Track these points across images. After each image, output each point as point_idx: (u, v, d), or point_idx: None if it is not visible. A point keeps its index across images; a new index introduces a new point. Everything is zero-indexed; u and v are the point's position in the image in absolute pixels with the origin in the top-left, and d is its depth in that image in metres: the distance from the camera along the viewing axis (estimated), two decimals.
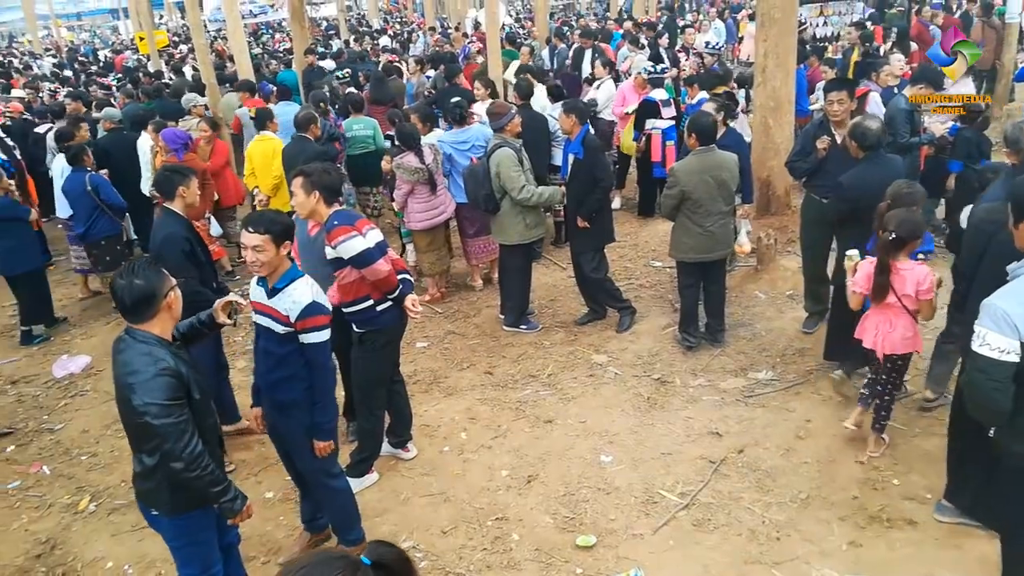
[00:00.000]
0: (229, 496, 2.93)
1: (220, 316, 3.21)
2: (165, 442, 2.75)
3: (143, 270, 2.85)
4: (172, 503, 2.95)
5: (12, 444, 5.41)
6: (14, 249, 6.67)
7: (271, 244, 3.24)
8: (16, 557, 4.22)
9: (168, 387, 2.74)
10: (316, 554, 1.36)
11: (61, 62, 24.95)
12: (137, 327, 2.85)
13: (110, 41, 34.70)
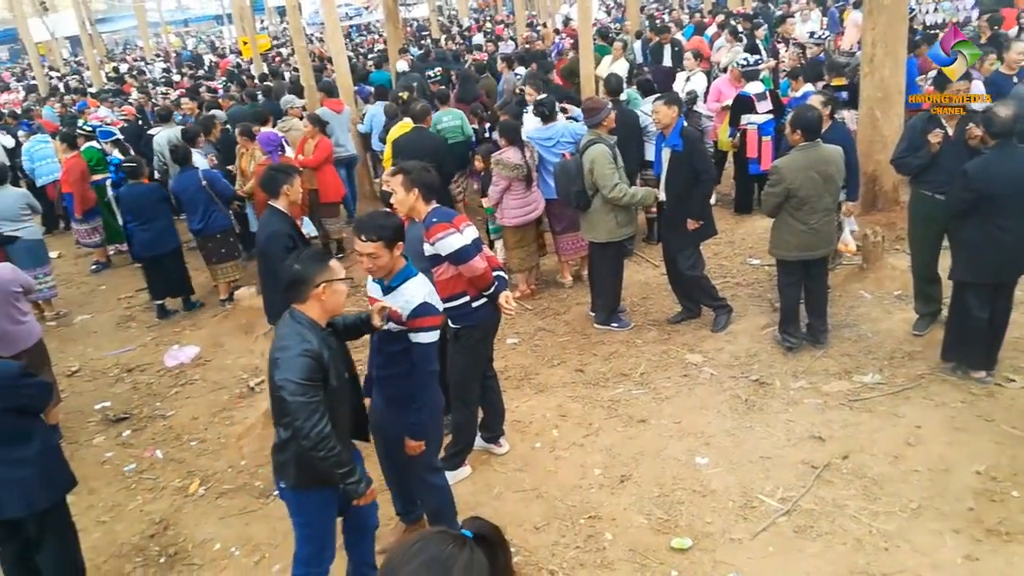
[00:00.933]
0: (353, 478, 3.03)
1: (375, 318, 3.29)
2: (296, 419, 2.88)
3: (305, 258, 3.04)
4: (297, 478, 3.10)
5: (128, 429, 5.73)
6: (163, 230, 7.30)
7: (384, 249, 3.32)
8: (133, 535, 4.46)
9: (306, 368, 2.87)
10: (423, 534, 1.44)
11: (170, 67, 26.30)
12: (296, 307, 3.01)
13: (215, 46, 36.31)
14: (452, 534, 1.43)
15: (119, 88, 17.53)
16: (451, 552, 1.38)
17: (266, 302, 4.85)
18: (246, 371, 6.37)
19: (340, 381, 3.04)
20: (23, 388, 3.53)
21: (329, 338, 3.06)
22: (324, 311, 3.04)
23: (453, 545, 1.40)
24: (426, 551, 1.39)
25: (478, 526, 1.49)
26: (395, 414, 3.52)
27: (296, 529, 3.28)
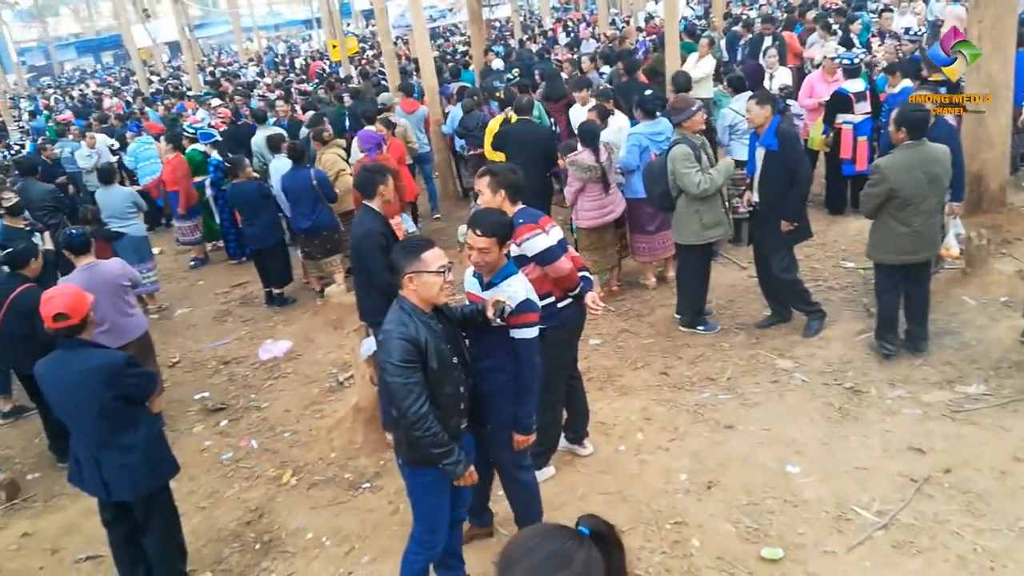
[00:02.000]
0: (452, 459, 3.11)
1: (489, 311, 3.34)
2: (395, 399, 3.02)
3: (400, 249, 3.19)
4: (408, 456, 3.24)
5: (225, 419, 5.99)
6: (269, 224, 7.70)
7: (496, 246, 3.39)
8: (230, 521, 4.66)
9: (402, 350, 2.99)
10: (540, 529, 1.48)
11: (262, 70, 27.30)
12: (401, 293, 3.15)
13: (301, 50, 37.53)
14: (570, 530, 1.45)
15: (216, 91, 18.28)
16: (570, 548, 1.41)
17: (359, 299, 4.96)
18: (335, 366, 6.56)
19: (443, 364, 3.11)
20: (130, 378, 3.72)
21: (431, 322, 3.14)
22: (420, 299, 3.13)
23: (572, 541, 1.42)
24: (545, 546, 1.41)
25: (594, 524, 1.50)
26: (493, 407, 3.53)
27: (412, 508, 3.41)
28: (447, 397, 3.17)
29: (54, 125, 16.92)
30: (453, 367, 3.22)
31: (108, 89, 28.29)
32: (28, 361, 5.20)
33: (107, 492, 3.75)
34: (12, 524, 5.02)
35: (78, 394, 3.62)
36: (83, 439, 3.74)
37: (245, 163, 7.79)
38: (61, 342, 3.71)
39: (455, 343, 3.30)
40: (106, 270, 5.45)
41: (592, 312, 4.25)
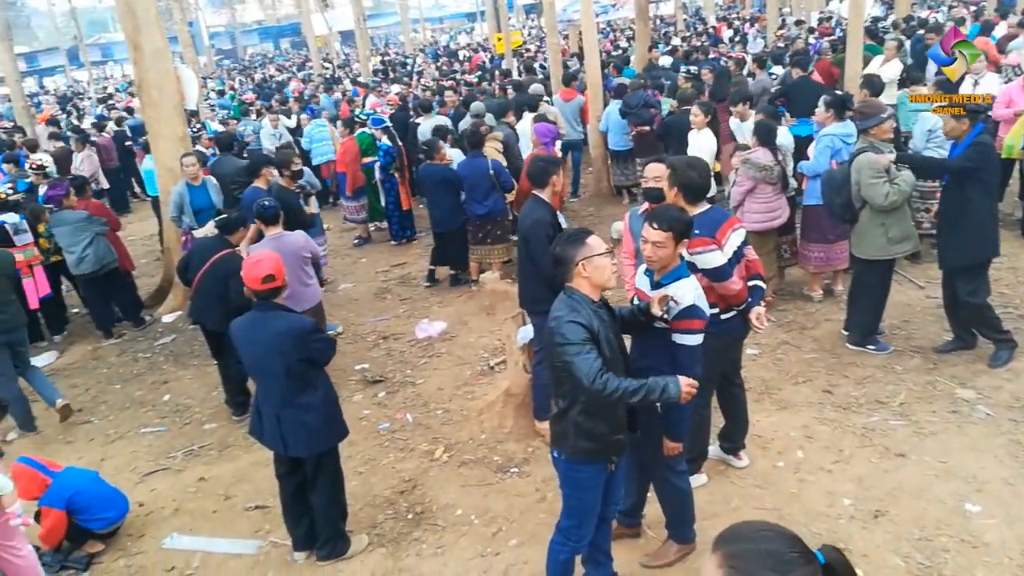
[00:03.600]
0: (656, 393, 3.01)
1: (655, 307, 3.31)
2: (576, 375, 2.96)
3: (564, 240, 3.17)
4: (571, 448, 3.21)
5: (383, 391, 6.27)
6: (453, 207, 7.91)
7: (671, 241, 3.33)
8: (385, 489, 4.88)
9: (577, 331, 3.00)
10: (780, 528, 1.46)
11: (426, 61, 28.25)
12: (568, 285, 3.16)
13: (461, 42, 38.58)
14: (805, 546, 1.42)
15: (384, 79, 19.13)
16: (794, 559, 1.38)
17: (521, 286, 5.03)
18: (487, 350, 6.71)
19: (612, 352, 3.11)
20: (315, 342, 3.96)
21: (600, 311, 3.14)
22: (592, 286, 3.12)
23: (800, 556, 1.39)
24: (773, 542, 1.41)
25: (835, 557, 1.45)
26: (647, 410, 3.49)
27: (563, 499, 3.41)
28: None
29: (237, 104, 18.29)
30: (619, 358, 3.21)
31: (291, 74, 30.20)
32: (216, 318, 5.72)
33: (284, 447, 4.02)
34: (190, 468, 5.49)
35: (268, 353, 3.89)
36: (268, 396, 4.01)
37: (440, 146, 8.04)
38: (256, 304, 4.00)
39: (619, 338, 3.29)
40: (291, 241, 5.83)
41: (756, 329, 4.10)
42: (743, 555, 1.41)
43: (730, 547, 1.43)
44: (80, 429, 6.25)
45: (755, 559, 1.39)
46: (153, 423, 6.22)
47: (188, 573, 4.31)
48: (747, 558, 1.40)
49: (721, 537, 1.48)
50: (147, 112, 8.44)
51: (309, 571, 4.17)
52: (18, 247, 7.42)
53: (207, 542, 4.54)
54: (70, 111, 24.44)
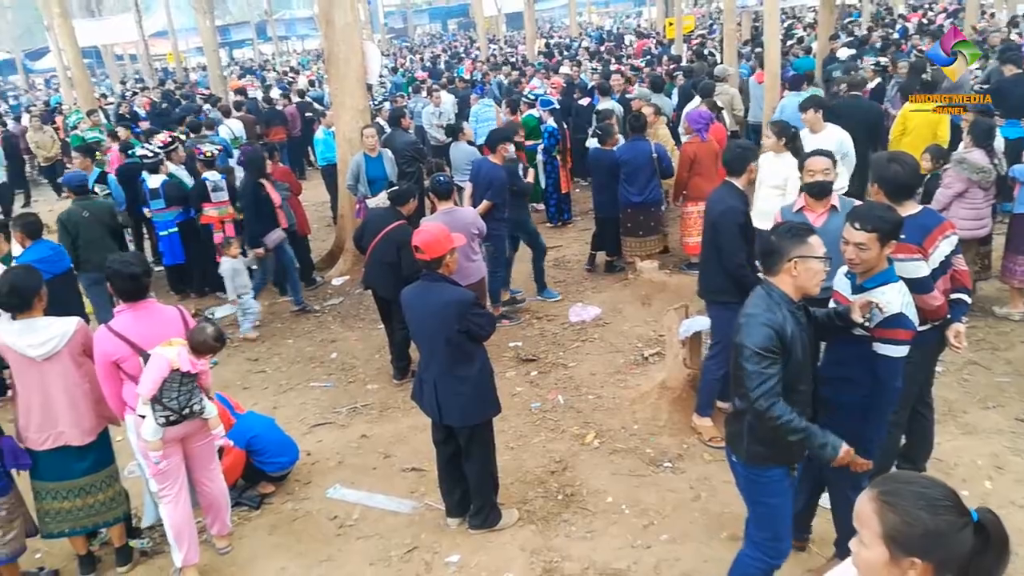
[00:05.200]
0: (817, 440, 2.88)
1: (855, 313, 3.13)
2: (749, 386, 2.86)
3: (783, 232, 2.99)
4: (748, 452, 3.08)
5: (535, 370, 6.32)
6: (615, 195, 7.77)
7: (876, 243, 3.11)
8: (535, 467, 4.92)
9: (766, 337, 2.85)
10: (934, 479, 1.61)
11: (588, 45, 28.11)
12: (769, 279, 3.02)
13: (632, 26, 38.04)
14: (960, 501, 1.55)
15: (548, 63, 19.19)
16: (947, 506, 1.52)
17: (703, 275, 4.84)
18: (641, 340, 6.61)
19: (803, 358, 2.95)
20: (474, 316, 4.03)
21: (798, 312, 2.99)
22: (796, 287, 2.96)
23: (954, 506, 1.52)
24: (928, 487, 1.55)
25: (989, 519, 1.55)
26: (836, 420, 3.30)
27: (748, 507, 3.27)
28: (800, 395, 2.99)
29: (407, 81, 18.98)
30: (810, 365, 3.03)
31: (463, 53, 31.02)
32: (388, 285, 5.97)
33: (439, 415, 4.14)
34: (353, 425, 5.78)
35: (431, 322, 4.02)
36: (429, 363, 4.14)
37: (615, 131, 7.98)
38: (424, 275, 4.14)
39: (814, 343, 3.10)
40: (461, 216, 5.98)
41: (953, 348, 3.77)
42: (897, 492, 1.56)
43: (886, 486, 1.58)
44: (256, 377, 6.75)
45: (909, 497, 1.54)
46: (321, 378, 6.61)
47: (349, 523, 4.54)
48: (901, 495, 1.55)
49: (877, 481, 1.62)
50: (333, 84, 8.92)
51: (461, 537, 4.29)
52: (214, 203, 8.08)
53: (367, 496, 4.77)
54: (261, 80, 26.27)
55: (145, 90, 22.09)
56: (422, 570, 4.07)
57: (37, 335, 3.83)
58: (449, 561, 4.11)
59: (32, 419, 3.92)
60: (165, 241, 8.39)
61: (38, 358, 3.83)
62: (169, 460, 3.93)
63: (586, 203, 9.92)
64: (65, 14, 17.19)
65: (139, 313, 3.91)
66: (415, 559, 4.16)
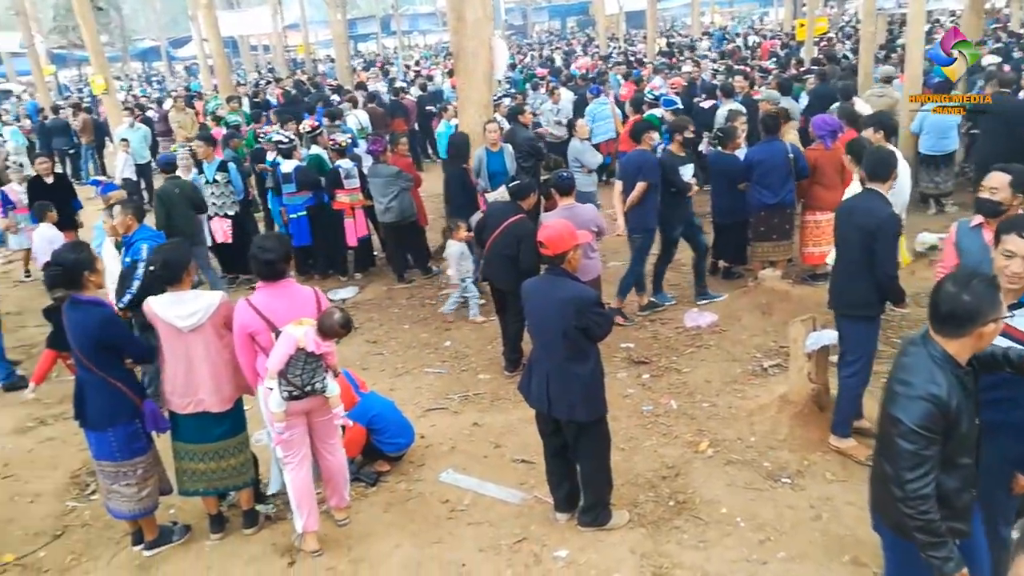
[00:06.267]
0: (941, 554, 2.54)
1: None
2: (897, 463, 2.56)
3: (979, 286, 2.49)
4: (893, 524, 2.75)
5: (647, 373, 6.24)
6: (738, 197, 7.50)
7: None
8: (646, 471, 4.86)
9: (925, 415, 2.49)
10: None
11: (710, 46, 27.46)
12: (935, 337, 2.59)
13: (748, 25, 36.97)
14: None
15: (670, 62, 18.89)
16: None
17: (842, 285, 4.57)
18: (760, 350, 6.41)
19: (969, 428, 2.61)
20: (593, 314, 4.01)
21: (966, 378, 2.60)
22: (974, 349, 2.58)
23: None
24: None
25: None
26: (992, 440, 3.01)
27: (887, 567, 2.99)
28: (964, 469, 2.65)
29: (524, 79, 19.08)
30: (971, 440, 2.66)
31: (580, 50, 30.99)
32: (505, 278, 6.05)
33: (548, 407, 4.15)
34: (465, 412, 5.89)
35: (551, 316, 4.03)
36: (542, 356, 4.16)
37: (737, 134, 7.79)
38: (547, 269, 4.17)
39: (978, 402, 2.73)
40: (581, 212, 5.99)
41: None
42: None
43: None
44: (374, 359, 6.98)
45: None
46: (435, 365, 6.77)
47: (460, 508, 4.63)
48: None
49: None
50: (460, 78, 9.10)
51: (570, 533, 4.29)
52: (346, 189, 8.41)
53: (478, 484, 4.85)
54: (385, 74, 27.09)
55: (279, 80, 23.13)
56: (531, 561, 4.10)
57: (185, 307, 4.09)
58: (557, 555, 4.12)
59: (176, 385, 4.19)
60: (294, 224, 8.80)
61: (184, 329, 4.08)
62: (293, 431, 4.13)
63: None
64: (210, 5, 18.29)
65: (276, 291, 4.11)
66: (524, 550, 4.19)
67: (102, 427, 4.10)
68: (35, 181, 9.49)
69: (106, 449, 4.13)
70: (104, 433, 4.10)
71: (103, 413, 4.09)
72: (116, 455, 4.13)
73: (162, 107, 18.54)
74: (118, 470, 4.16)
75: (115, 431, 4.10)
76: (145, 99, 23.22)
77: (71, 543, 4.64)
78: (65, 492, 5.20)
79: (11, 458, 5.74)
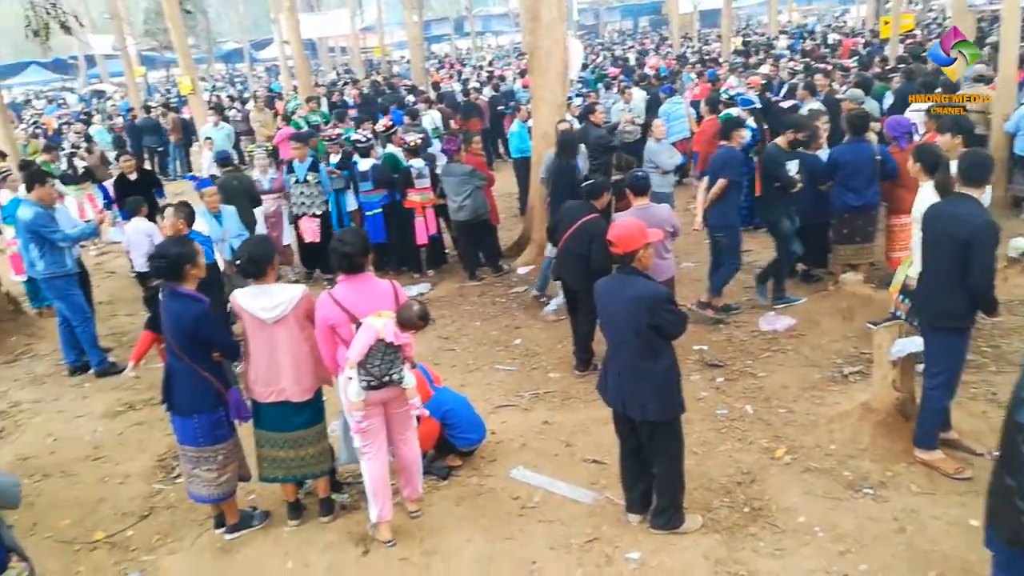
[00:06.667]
0: None
1: None
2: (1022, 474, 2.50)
3: None
4: (1009, 538, 2.64)
5: (722, 376, 6.13)
6: (818, 199, 7.29)
7: None
8: (721, 476, 4.77)
9: None
10: None
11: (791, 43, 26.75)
12: None
13: (827, 23, 35.89)
14: None
15: (745, 61, 18.51)
16: None
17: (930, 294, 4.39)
18: (840, 356, 6.22)
19: None
20: (666, 312, 3.96)
21: None
22: None
23: None
24: None
25: None
26: None
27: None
28: None
29: (596, 79, 18.98)
30: None
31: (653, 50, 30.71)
32: (578, 276, 6.03)
33: (623, 406, 4.13)
34: (536, 410, 5.90)
35: (623, 314, 4.02)
36: (616, 354, 4.15)
37: (820, 135, 7.58)
38: (618, 268, 4.14)
39: None
40: (656, 212, 5.92)
41: None
42: None
43: None
44: (446, 355, 7.05)
45: None
46: (505, 362, 6.80)
47: (531, 505, 4.64)
48: None
49: None
50: (534, 77, 9.11)
51: (642, 535, 4.24)
52: (417, 189, 8.53)
53: (549, 482, 4.85)
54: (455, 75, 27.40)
55: (356, 81, 23.63)
56: (602, 562, 4.08)
57: (269, 299, 4.22)
58: (629, 557, 4.08)
59: (259, 374, 4.33)
60: (370, 221, 8.97)
61: (268, 320, 4.21)
62: (370, 420, 4.21)
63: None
64: (293, 8, 18.80)
65: (356, 285, 4.19)
66: (595, 550, 4.17)
67: (188, 413, 4.27)
68: (120, 178, 9.89)
69: (190, 434, 4.29)
70: (189, 419, 4.27)
71: (189, 400, 4.25)
72: (199, 440, 4.29)
73: (244, 107, 19.18)
74: (200, 455, 4.32)
75: (200, 418, 4.26)
76: (228, 99, 24.02)
77: (157, 524, 4.84)
78: (152, 474, 5.44)
79: (102, 440, 6.03)
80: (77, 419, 6.45)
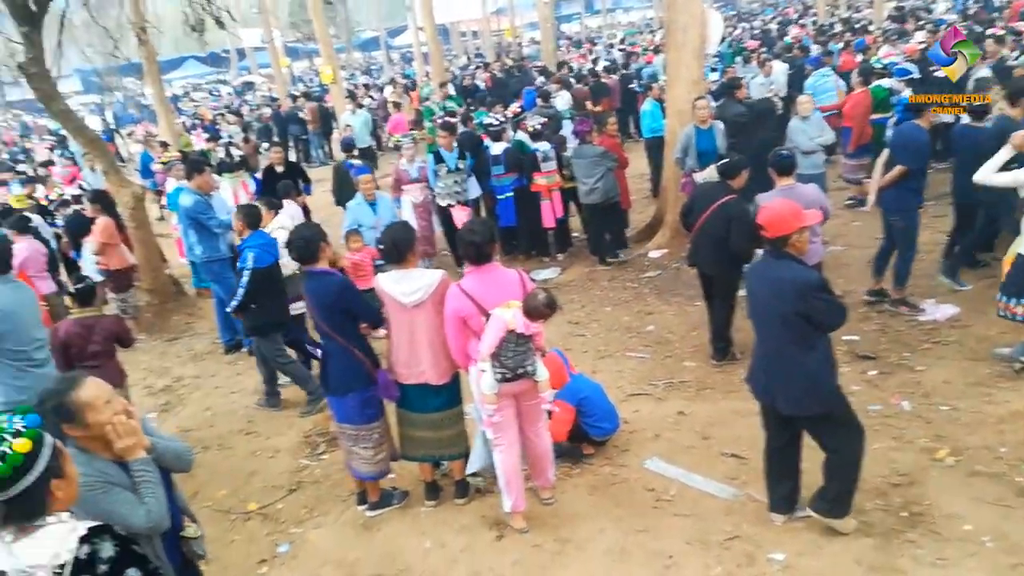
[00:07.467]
0: None
1: None
2: None
3: None
4: None
5: (875, 370, 5.72)
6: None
7: None
8: (875, 476, 4.43)
9: None
10: None
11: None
12: None
13: None
14: None
15: (901, 28, 17.16)
16: None
17: None
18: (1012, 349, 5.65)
19: None
20: (817, 300, 3.68)
21: None
22: None
23: None
24: None
25: None
26: None
27: None
28: None
29: (732, 52, 18.17)
30: None
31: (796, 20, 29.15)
32: (715, 260, 5.81)
33: (771, 399, 3.91)
34: (670, 400, 5.73)
35: (769, 300, 3.82)
36: (763, 343, 3.96)
37: (992, 105, 6.90)
38: (766, 251, 3.92)
39: None
40: (805, 193, 5.57)
41: None
42: None
43: None
44: (576, 340, 6.99)
45: None
46: (637, 349, 6.66)
47: (666, 498, 4.51)
48: None
49: None
50: (670, 54, 8.81)
51: (787, 535, 4.03)
52: (543, 172, 8.48)
53: (684, 474, 4.70)
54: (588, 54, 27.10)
55: (487, 65, 23.84)
56: (743, 561, 3.91)
57: (410, 284, 4.30)
58: (773, 558, 3.89)
59: (400, 356, 4.43)
60: (501, 204, 9.01)
61: (408, 304, 4.30)
62: (503, 413, 4.22)
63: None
64: None
65: (483, 275, 4.20)
66: (735, 548, 4.00)
67: (342, 392, 4.46)
68: (268, 169, 10.36)
69: (346, 413, 4.50)
70: (344, 398, 4.46)
71: (343, 379, 4.44)
72: (355, 419, 4.48)
73: (382, 94, 19.78)
74: (358, 433, 4.52)
75: (353, 396, 4.44)
76: (363, 88, 24.85)
77: (304, 498, 5.09)
78: (299, 450, 5.72)
79: (254, 416, 6.41)
80: (232, 395, 6.89)
